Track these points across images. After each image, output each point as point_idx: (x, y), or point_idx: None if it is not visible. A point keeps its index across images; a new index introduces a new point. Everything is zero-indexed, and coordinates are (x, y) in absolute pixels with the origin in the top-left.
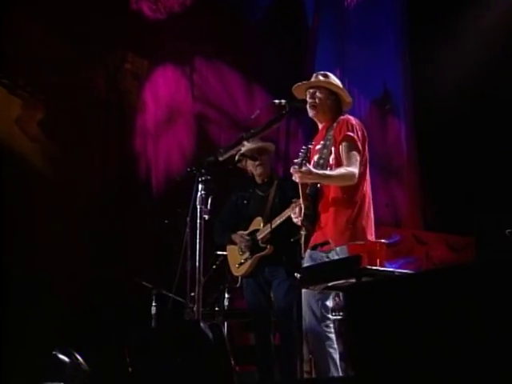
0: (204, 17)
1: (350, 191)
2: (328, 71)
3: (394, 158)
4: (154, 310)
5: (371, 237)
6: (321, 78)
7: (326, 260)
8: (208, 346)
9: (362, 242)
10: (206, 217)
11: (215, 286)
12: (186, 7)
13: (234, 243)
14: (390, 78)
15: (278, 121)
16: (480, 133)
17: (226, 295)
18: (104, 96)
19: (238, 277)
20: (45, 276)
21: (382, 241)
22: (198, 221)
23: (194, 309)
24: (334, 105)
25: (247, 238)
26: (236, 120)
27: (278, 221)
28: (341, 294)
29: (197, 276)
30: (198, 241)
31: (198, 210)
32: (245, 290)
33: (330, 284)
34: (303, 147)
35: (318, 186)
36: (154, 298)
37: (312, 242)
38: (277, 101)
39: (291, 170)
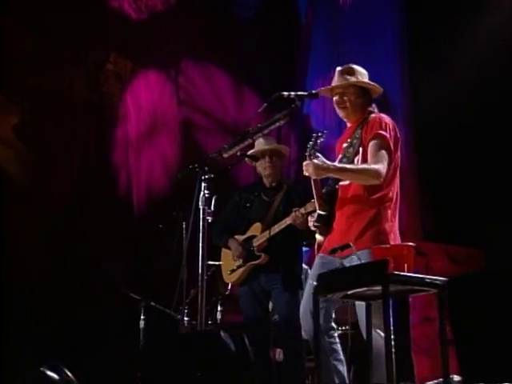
0: (190, 15)
1: (373, 191)
2: (321, 72)
3: None
4: (142, 323)
5: (394, 242)
6: (347, 77)
7: (340, 266)
8: (230, 359)
9: (387, 246)
10: (210, 219)
11: (207, 298)
12: (171, 6)
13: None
14: (387, 80)
15: (287, 115)
16: (484, 137)
17: (219, 308)
18: (84, 99)
19: (228, 284)
20: (20, 287)
21: (410, 244)
22: (201, 223)
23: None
24: (364, 101)
25: (242, 244)
26: (225, 124)
27: (276, 229)
28: (356, 303)
29: (199, 284)
30: (200, 245)
31: (201, 212)
32: (240, 300)
33: (349, 292)
34: (313, 134)
35: (337, 186)
36: (142, 310)
37: (328, 246)
38: (286, 93)
39: (303, 164)
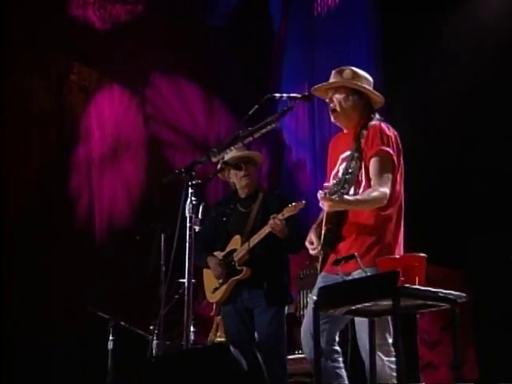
0: (158, 25)
1: (377, 212)
2: (295, 85)
3: None
4: (110, 344)
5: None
6: (337, 76)
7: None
8: (242, 379)
9: (396, 256)
10: (197, 228)
11: (178, 318)
12: (136, 15)
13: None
14: None
15: (279, 118)
16: (458, 155)
17: (192, 329)
18: (45, 110)
19: (212, 304)
20: None
21: (422, 255)
22: (188, 232)
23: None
24: (358, 105)
25: (220, 262)
26: (195, 140)
27: (256, 239)
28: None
29: (185, 298)
30: (187, 256)
31: (188, 220)
32: (223, 320)
33: (354, 307)
34: (339, 175)
35: None
36: (110, 330)
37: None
38: (277, 95)
39: (318, 196)
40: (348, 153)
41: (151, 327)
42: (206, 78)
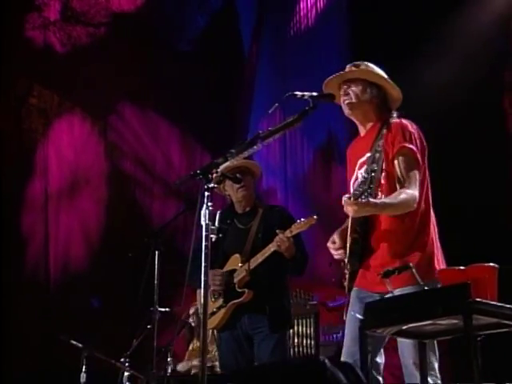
0: (123, 49)
1: (410, 216)
2: (267, 109)
3: (339, 211)
4: (83, 377)
5: (439, 267)
6: (353, 68)
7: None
8: None
9: (461, 268)
10: (213, 237)
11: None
12: (100, 38)
13: None
14: (334, 120)
15: (300, 119)
16: (440, 182)
17: (169, 358)
18: (2, 133)
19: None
20: None
21: (492, 265)
22: (204, 243)
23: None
24: (376, 100)
25: (220, 277)
26: (160, 170)
27: (259, 259)
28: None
29: (201, 320)
30: (203, 270)
31: (204, 228)
32: (219, 347)
33: (405, 327)
34: (364, 175)
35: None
36: (84, 361)
37: (367, 279)
38: (299, 93)
39: (343, 202)
40: (368, 155)
41: (122, 359)
42: (172, 103)
